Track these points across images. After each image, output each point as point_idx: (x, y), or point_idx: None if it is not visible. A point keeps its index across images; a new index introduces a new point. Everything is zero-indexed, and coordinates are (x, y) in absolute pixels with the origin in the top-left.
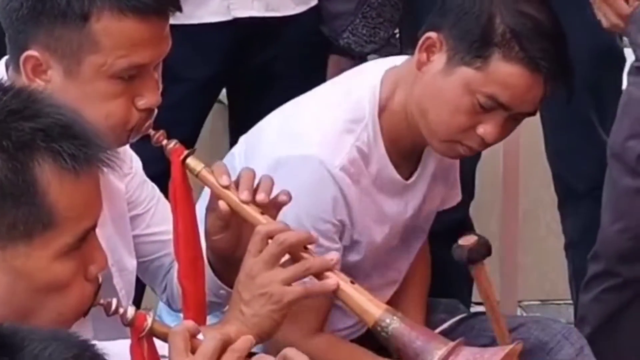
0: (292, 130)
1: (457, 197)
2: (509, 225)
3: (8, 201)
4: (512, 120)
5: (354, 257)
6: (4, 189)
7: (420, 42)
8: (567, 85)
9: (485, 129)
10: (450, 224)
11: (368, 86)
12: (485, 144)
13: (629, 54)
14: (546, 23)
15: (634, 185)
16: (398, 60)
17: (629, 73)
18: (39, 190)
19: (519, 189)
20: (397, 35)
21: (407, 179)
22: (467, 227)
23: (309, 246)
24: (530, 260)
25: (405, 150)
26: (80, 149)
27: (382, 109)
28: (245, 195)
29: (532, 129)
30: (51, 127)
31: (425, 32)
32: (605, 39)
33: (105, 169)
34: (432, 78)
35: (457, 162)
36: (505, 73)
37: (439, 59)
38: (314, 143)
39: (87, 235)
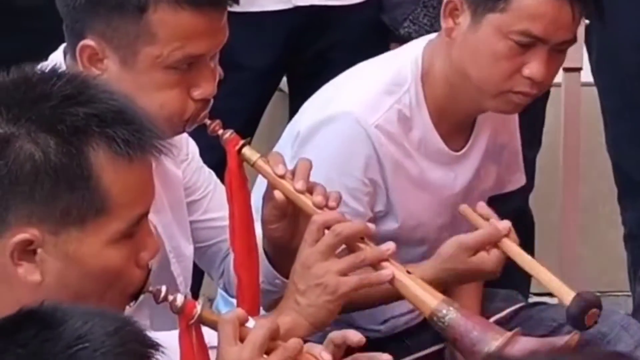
0: (331, 96)
1: (520, 181)
2: (569, 216)
3: (62, 186)
4: (555, 53)
5: (391, 225)
6: (58, 173)
7: (442, 9)
8: (599, 6)
9: (532, 69)
10: (510, 214)
11: (410, 55)
12: (537, 84)
13: None
14: None
15: None
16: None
17: None
18: (93, 175)
19: (580, 180)
20: None
21: (457, 151)
22: (527, 217)
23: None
24: (589, 252)
25: (454, 122)
26: (134, 134)
27: (424, 78)
28: (300, 184)
29: (592, 118)
30: (105, 112)
31: None
32: None
33: (158, 155)
34: (464, 38)
35: (515, 142)
36: (529, 5)
37: (464, 19)
38: (352, 102)
39: (140, 222)
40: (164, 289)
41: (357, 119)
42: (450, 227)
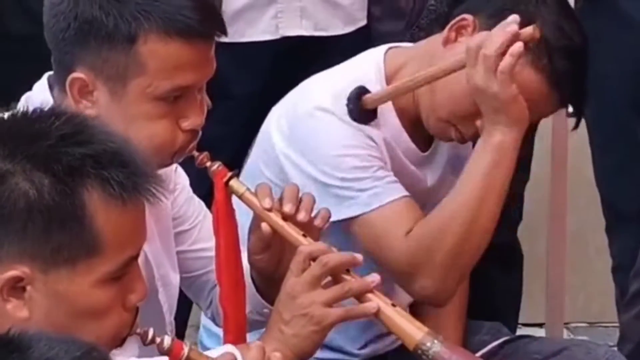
0: (296, 99)
1: None
2: (557, 247)
3: (54, 225)
4: None
5: None
6: (51, 213)
7: (453, 20)
8: (577, 111)
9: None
10: (497, 245)
11: (371, 59)
12: (477, 137)
13: None
14: (580, 46)
15: None
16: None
17: None
18: (86, 216)
19: (567, 210)
20: None
21: (424, 151)
22: (515, 248)
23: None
24: (578, 282)
25: (416, 122)
26: (129, 177)
27: (389, 79)
28: (289, 207)
29: (580, 149)
30: (101, 154)
31: (462, 12)
32: None
33: (152, 200)
34: (454, 57)
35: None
36: (527, 78)
37: (467, 42)
38: (325, 97)
39: (130, 264)
40: (151, 331)
41: (334, 113)
42: None
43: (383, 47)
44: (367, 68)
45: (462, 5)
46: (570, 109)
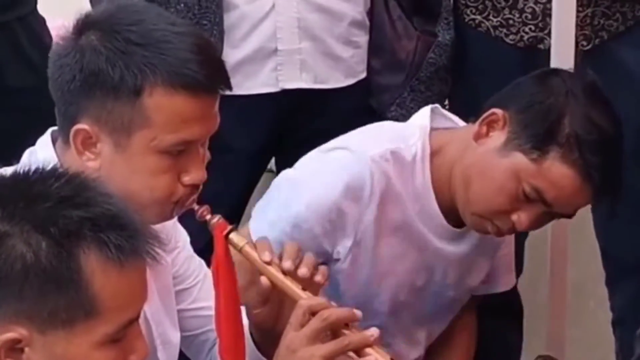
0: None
1: (510, 283)
2: (557, 299)
3: (51, 287)
4: (548, 215)
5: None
6: (47, 275)
7: (484, 114)
8: (613, 202)
9: (520, 217)
10: (496, 297)
11: (417, 124)
12: (515, 230)
13: None
14: (611, 136)
15: None
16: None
17: None
18: (83, 279)
19: (568, 262)
20: (447, 109)
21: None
22: (515, 299)
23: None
24: (578, 334)
25: (447, 204)
26: (127, 240)
27: (433, 152)
28: (288, 264)
29: None
30: (99, 216)
31: (492, 106)
32: None
33: (151, 262)
34: (486, 153)
35: (510, 245)
36: (558, 173)
37: (498, 137)
38: (349, 142)
39: (130, 325)
40: None
41: (354, 150)
42: (430, 311)
43: (428, 112)
44: (413, 128)
45: (492, 98)
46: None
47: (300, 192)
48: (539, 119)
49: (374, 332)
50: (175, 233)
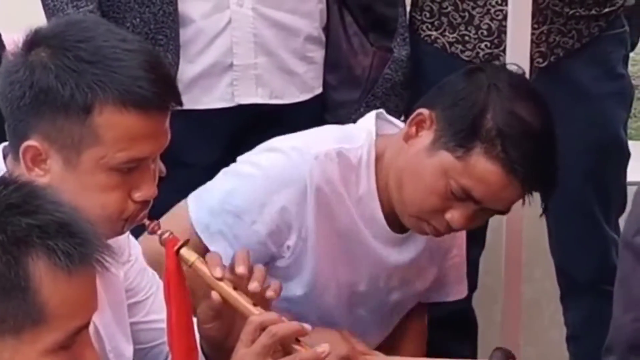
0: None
1: (461, 293)
2: (512, 316)
3: None
4: (482, 212)
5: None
6: None
7: (412, 115)
8: (545, 194)
9: (453, 216)
10: (451, 314)
11: (363, 127)
12: (452, 229)
13: (632, 147)
14: (535, 129)
15: None
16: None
17: None
18: (31, 286)
19: (523, 279)
20: None
21: (397, 233)
22: (469, 316)
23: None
24: (533, 351)
25: (391, 209)
26: (76, 247)
27: (377, 158)
28: (241, 269)
29: (535, 219)
30: (48, 224)
31: (421, 106)
32: (610, 132)
33: (101, 270)
34: (416, 154)
35: (461, 253)
36: (483, 169)
37: (426, 136)
38: (295, 140)
39: (79, 334)
40: None
41: (299, 147)
42: (374, 314)
43: (373, 117)
44: (356, 130)
45: (423, 98)
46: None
47: (243, 185)
48: (462, 115)
49: (325, 348)
50: (128, 246)
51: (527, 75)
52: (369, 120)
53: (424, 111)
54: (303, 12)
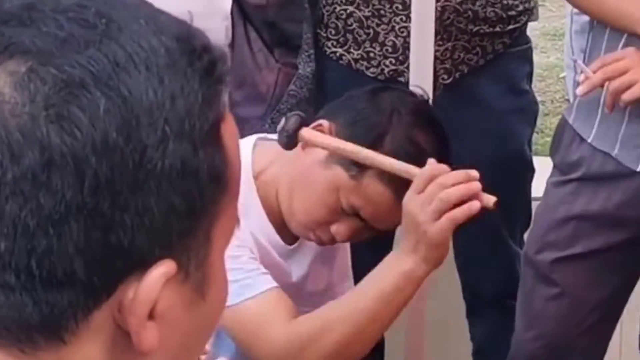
0: None
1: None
2: (416, 331)
3: None
4: (368, 229)
5: None
6: None
7: (312, 124)
8: None
9: (339, 229)
10: None
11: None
12: (335, 241)
13: (538, 163)
14: (431, 158)
15: (548, 293)
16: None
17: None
18: None
19: (429, 295)
20: None
21: (290, 244)
22: None
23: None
24: None
25: (280, 220)
26: None
27: (257, 175)
28: None
29: None
30: None
31: (323, 116)
32: (514, 148)
33: None
34: (311, 164)
35: (345, 251)
36: (374, 191)
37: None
38: None
39: None
40: None
41: None
42: None
43: (252, 139)
44: None
45: (325, 108)
46: None
47: None
48: (361, 135)
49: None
50: None
51: (431, 92)
52: (245, 144)
53: (325, 122)
54: (208, 29)
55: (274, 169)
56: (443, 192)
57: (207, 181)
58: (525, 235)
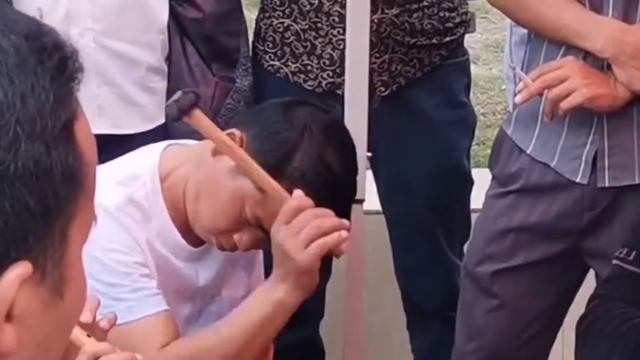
0: None
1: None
2: (357, 345)
3: None
4: (269, 240)
5: None
6: None
7: (225, 132)
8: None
9: (241, 238)
10: (298, 342)
11: (148, 156)
12: (237, 248)
13: (477, 175)
14: (339, 182)
15: (488, 305)
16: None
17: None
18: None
19: (371, 307)
20: None
21: (196, 246)
22: (316, 345)
23: None
24: None
25: (186, 224)
26: None
27: (164, 177)
28: (87, 316)
29: (380, 245)
30: None
31: (235, 125)
32: (452, 160)
33: None
34: (220, 172)
35: (259, 257)
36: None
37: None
38: (100, 191)
39: None
40: None
41: (105, 207)
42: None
43: (163, 144)
44: (142, 164)
45: (238, 116)
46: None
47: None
48: (271, 149)
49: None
50: None
51: (367, 104)
52: (157, 146)
53: (236, 132)
54: (144, 43)
55: (182, 170)
56: (317, 220)
57: (61, 181)
58: (465, 247)
